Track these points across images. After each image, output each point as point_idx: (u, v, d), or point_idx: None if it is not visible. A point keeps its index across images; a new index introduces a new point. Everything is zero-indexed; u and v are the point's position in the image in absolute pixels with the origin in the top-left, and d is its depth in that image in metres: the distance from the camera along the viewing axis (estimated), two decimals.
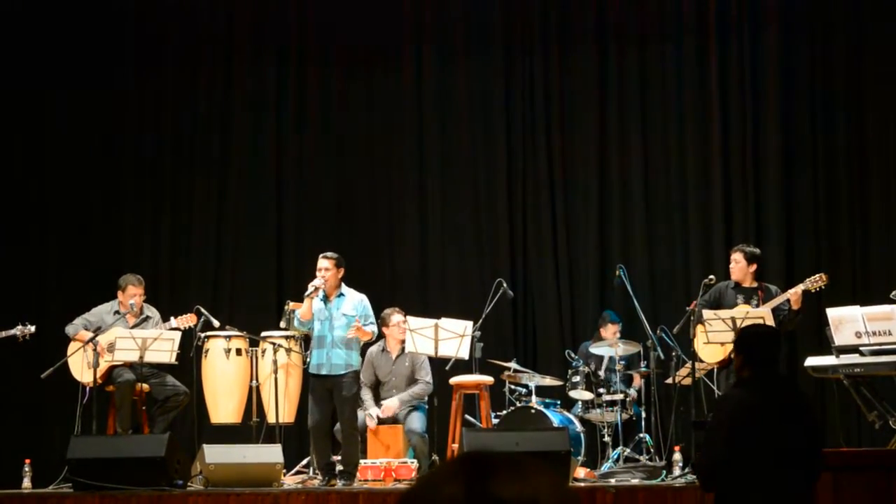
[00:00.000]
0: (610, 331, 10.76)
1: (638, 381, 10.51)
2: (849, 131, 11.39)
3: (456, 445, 9.19)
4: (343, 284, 9.37)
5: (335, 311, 9.28)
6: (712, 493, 5.28)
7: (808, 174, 11.43)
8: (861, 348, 8.62)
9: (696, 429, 8.31)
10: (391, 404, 9.79)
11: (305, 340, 9.82)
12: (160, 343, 9.36)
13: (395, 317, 9.95)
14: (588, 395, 10.23)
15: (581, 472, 9.39)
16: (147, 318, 9.94)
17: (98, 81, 12.09)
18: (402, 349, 9.89)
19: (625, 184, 11.71)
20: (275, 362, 9.81)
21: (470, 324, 9.45)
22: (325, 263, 9.30)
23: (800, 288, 9.21)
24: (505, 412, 10.04)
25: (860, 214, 11.30)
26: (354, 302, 9.35)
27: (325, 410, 9.29)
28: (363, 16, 12.19)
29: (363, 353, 9.71)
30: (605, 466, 9.74)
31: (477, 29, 12.06)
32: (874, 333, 8.57)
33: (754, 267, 9.54)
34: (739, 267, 9.52)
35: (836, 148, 11.41)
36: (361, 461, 9.20)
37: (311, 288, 9.21)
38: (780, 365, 5.48)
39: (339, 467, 9.24)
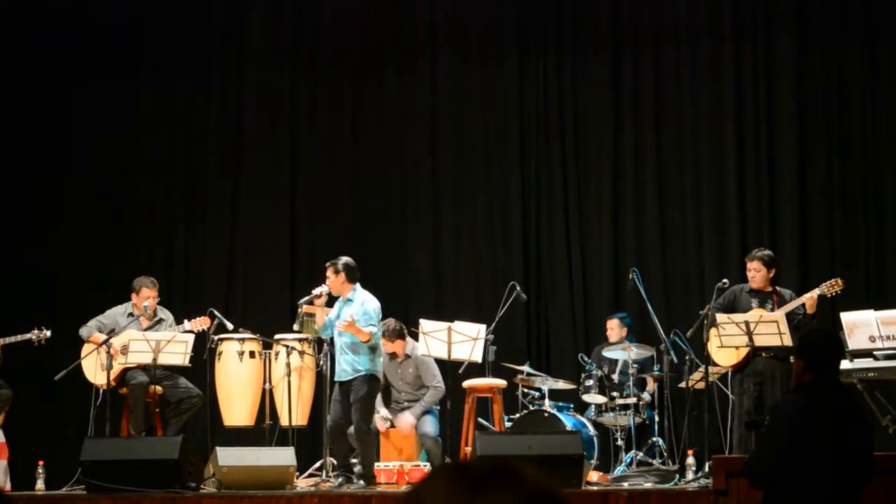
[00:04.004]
0: (613, 325, 10.74)
1: (651, 384, 10.48)
2: (864, 134, 11.35)
3: (469, 448, 9.19)
4: (356, 289, 9.32)
5: (338, 317, 9.27)
6: (760, 490, 5.32)
7: (823, 177, 11.38)
8: (875, 352, 8.60)
9: (750, 429, 8.30)
10: (407, 419, 9.79)
11: (318, 343, 9.83)
12: (173, 345, 9.36)
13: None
14: (601, 399, 10.21)
15: (594, 476, 9.36)
16: (160, 320, 9.96)
17: (113, 83, 12.13)
18: (406, 354, 9.90)
19: (638, 187, 11.69)
20: (288, 365, 9.82)
21: (483, 327, 9.44)
22: (328, 271, 9.32)
23: (816, 292, 9.14)
24: (518, 415, 10.02)
25: (875, 218, 11.25)
26: (357, 305, 9.33)
27: (340, 412, 9.27)
28: (377, 18, 12.21)
29: None
30: (618, 470, 9.72)
31: (491, 32, 12.06)
32: (888, 338, 8.55)
33: (773, 271, 9.46)
34: (761, 275, 9.32)
35: (851, 151, 11.36)
36: (375, 464, 9.20)
37: (313, 293, 9.24)
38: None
39: (357, 468, 9.24)
